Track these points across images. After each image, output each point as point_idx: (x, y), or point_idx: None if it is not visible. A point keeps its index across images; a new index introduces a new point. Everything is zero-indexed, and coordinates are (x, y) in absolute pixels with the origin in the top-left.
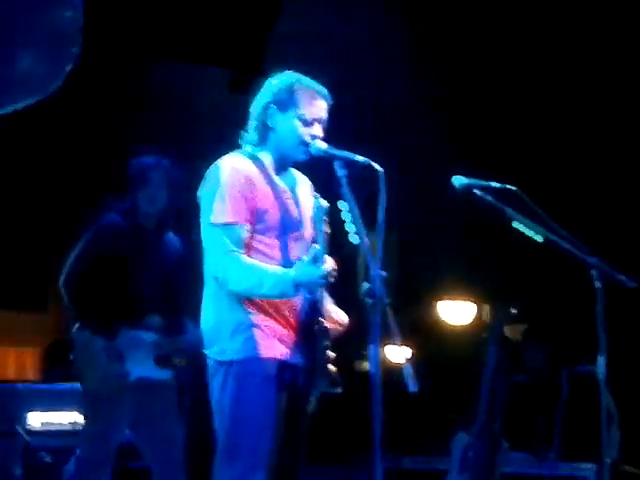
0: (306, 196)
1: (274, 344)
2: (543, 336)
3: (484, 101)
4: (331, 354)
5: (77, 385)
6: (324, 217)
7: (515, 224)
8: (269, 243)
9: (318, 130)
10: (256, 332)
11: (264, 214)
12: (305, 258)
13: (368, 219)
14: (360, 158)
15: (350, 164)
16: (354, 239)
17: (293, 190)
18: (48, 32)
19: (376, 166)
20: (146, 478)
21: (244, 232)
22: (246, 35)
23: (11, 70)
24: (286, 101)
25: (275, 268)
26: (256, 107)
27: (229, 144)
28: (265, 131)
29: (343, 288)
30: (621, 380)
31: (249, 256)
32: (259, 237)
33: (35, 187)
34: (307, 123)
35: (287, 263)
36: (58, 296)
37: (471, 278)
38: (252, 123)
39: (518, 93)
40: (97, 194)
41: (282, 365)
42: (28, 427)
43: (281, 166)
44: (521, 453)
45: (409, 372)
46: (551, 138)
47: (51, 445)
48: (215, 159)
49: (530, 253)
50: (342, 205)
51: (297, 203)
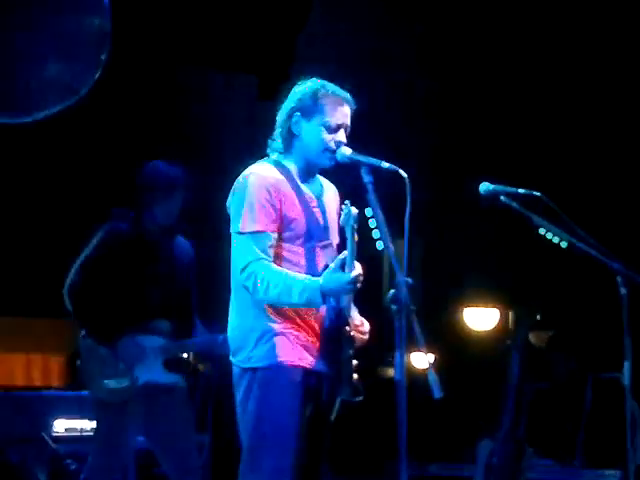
0: (332, 203)
1: (299, 352)
2: (568, 343)
3: (508, 108)
4: (355, 362)
5: None
6: (354, 224)
7: (540, 230)
8: (296, 251)
9: (342, 136)
10: (282, 340)
11: (291, 223)
12: (332, 265)
13: (394, 225)
14: (386, 164)
15: (376, 170)
16: (379, 245)
17: (319, 198)
18: (77, 39)
19: (402, 172)
20: None
21: (272, 240)
22: (273, 42)
23: (41, 76)
24: (310, 108)
25: (302, 276)
26: (281, 115)
27: (257, 151)
28: (290, 138)
29: (368, 294)
30: None
31: (277, 264)
32: (286, 245)
33: (61, 194)
34: (332, 130)
35: (314, 271)
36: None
37: (496, 284)
38: (278, 131)
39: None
40: (121, 200)
41: (307, 373)
42: (54, 434)
43: (307, 173)
44: (545, 459)
45: (434, 378)
46: (574, 143)
47: (77, 452)
48: (243, 167)
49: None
50: (368, 211)
51: (323, 211)
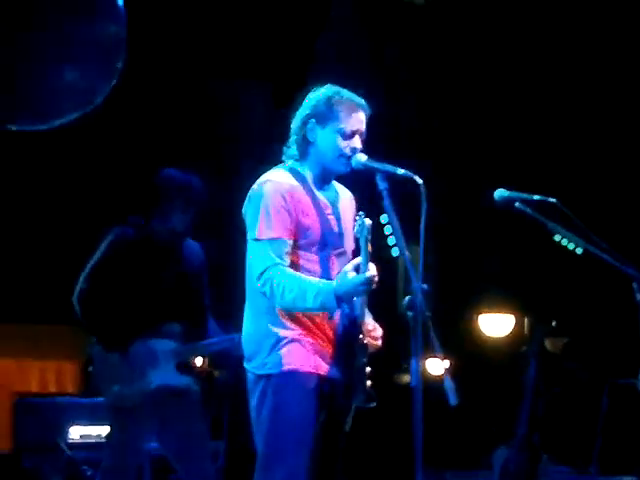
0: (348, 210)
1: (314, 359)
2: (584, 349)
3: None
4: (368, 369)
5: None
6: (367, 236)
7: (556, 236)
8: (311, 258)
9: (358, 142)
10: (296, 347)
11: (306, 230)
12: (346, 268)
13: (409, 232)
14: (401, 171)
15: (391, 177)
16: (395, 252)
17: (335, 204)
18: (93, 47)
19: (417, 179)
20: None
21: (288, 247)
22: (289, 49)
23: (58, 84)
24: (325, 115)
25: (317, 280)
26: (296, 121)
27: (272, 158)
28: (305, 145)
29: (384, 301)
30: None
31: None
32: (301, 252)
33: (77, 202)
34: (347, 136)
35: (328, 279)
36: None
37: (511, 291)
38: (293, 138)
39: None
40: (133, 206)
41: (321, 379)
42: (69, 440)
43: (323, 180)
44: (561, 466)
45: (450, 385)
46: (589, 150)
47: (92, 458)
48: (258, 173)
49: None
50: (383, 218)
51: (338, 218)
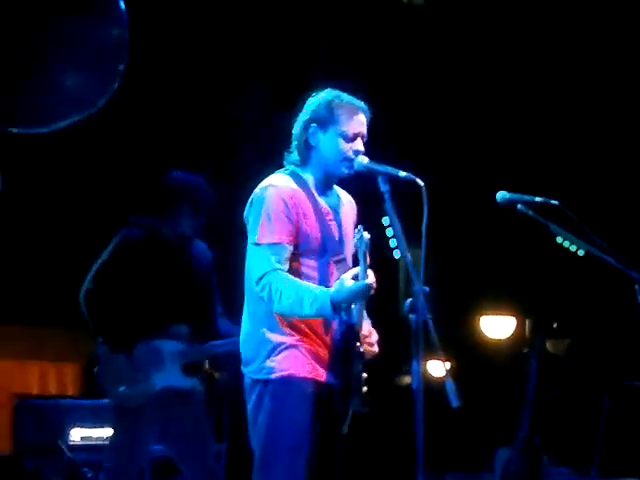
0: (349, 215)
1: (311, 365)
2: (585, 351)
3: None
4: (364, 375)
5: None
6: (366, 250)
7: (558, 238)
8: (310, 264)
9: (360, 145)
10: (294, 352)
11: (306, 236)
12: (344, 277)
13: (411, 234)
14: (403, 173)
15: (393, 179)
16: (397, 254)
17: (336, 210)
18: (95, 49)
19: (419, 181)
20: None
21: (288, 252)
22: (290, 53)
23: (61, 87)
24: (326, 119)
25: (314, 287)
26: (297, 127)
27: (274, 162)
28: (307, 150)
29: (385, 303)
30: None
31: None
32: (301, 259)
33: (77, 203)
34: (349, 139)
35: (327, 285)
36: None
37: (513, 293)
38: (294, 143)
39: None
40: (137, 210)
41: (318, 385)
42: (70, 442)
43: (325, 185)
44: (563, 468)
45: (452, 387)
46: (591, 151)
47: (93, 460)
48: (260, 177)
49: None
50: (385, 220)
51: (339, 224)
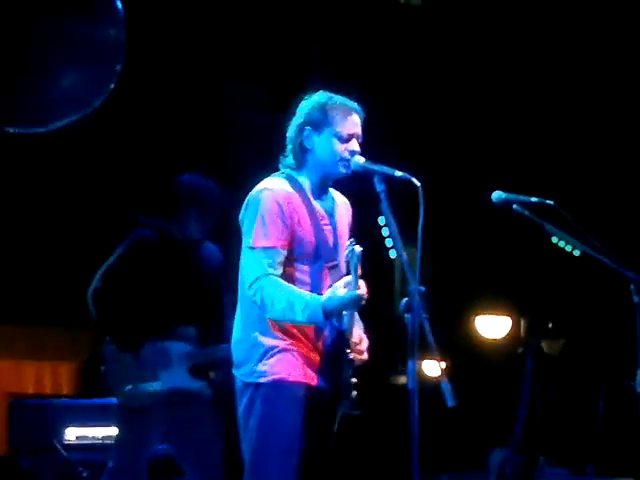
0: (344, 219)
1: (303, 369)
2: (581, 351)
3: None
4: (354, 380)
5: (114, 399)
6: (357, 263)
7: (553, 238)
8: (304, 270)
9: (356, 145)
10: (286, 356)
11: (301, 241)
12: (336, 285)
13: (407, 234)
14: (399, 173)
15: (389, 179)
16: (392, 254)
17: (331, 214)
18: (92, 49)
19: (415, 181)
20: None
21: (281, 257)
22: (286, 53)
23: (58, 87)
24: (320, 121)
25: (306, 293)
26: (291, 131)
27: (269, 164)
28: (303, 153)
29: (381, 303)
30: None
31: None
32: (295, 263)
33: (73, 203)
34: (344, 140)
35: (319, 291)
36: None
37: (508, 293)
38: (289, 147)
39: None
40: (137, 211)
41: (309, 389)
42: (65, 442)
43: (320, 189)
44: (558, 468)
45: (447, 387)
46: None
47: (88, 460)
48: (256, 179)
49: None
50: (381, 220)
51: (334, 228)
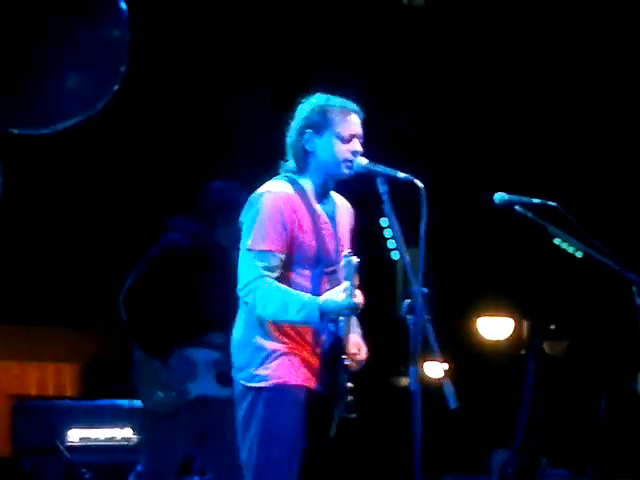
0: (345, 222)
1: (304, 372)
2: (583, 352)
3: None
4: (349, 385)
5: (116, 401)
6: (354, 274)
7: (555, 240)
8: (303, 273)
9: (358, 145)
10: (287, 360)
11: (301, 244)
12: (335, 289)
13: (409, 235)
14: (402, 174)
15: (392, 180)
16: (395, 255)
17: (333, 217)
18: (96, 50)
19: (418, 182)
20: None
21: (278, 261)
22: (290, 55)
23: (62, 88)
24: (321, 123)
25: (302, 294)
26: (291, 135)
27: (272, 164)
28: (305, 157)
29: (383, 304)
30: None
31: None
32: (295, 267)
33: (75, 204)
34: (345, 140)
35: (318, 295)
36: (116, 312)
37: (510, 294)
38: (290, 152)
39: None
40: (139, 216)
41: (309, 392)
42: (68, 443)
43: (323, 191)
44: (560, 469)
45: (449, 389)
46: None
47: (91, 461)
48: (260, 180)
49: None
50: (384, 221)
51: (335, 233)
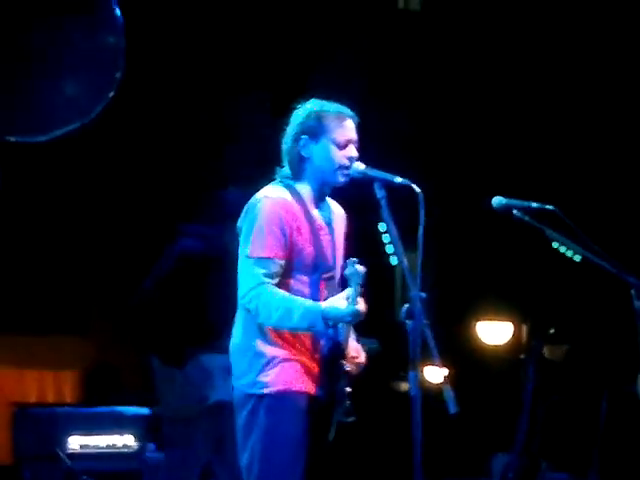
0: (340, 229)
1: (304, 378)
2: (583, 356)
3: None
4: (348, 390)
5: (116, 408)
6: (359, 282)
7: (554, 244)
8: (302, 280)
9: (353, 151)
10: (288, 367)
11: (300, 251)
12: (339, 296)
13: (408, 239)
14: (399, 179)
15: (389, 185)
16: (393, 260)
17: (329, 224)
18: (92, 58)
19: (415, 187)
20: None
21: (278, 267)
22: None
23: (58, 95)
24: (316, 128)
25: (305, 300)
26: (287, 141)
27: (270, 169)
28: (301, 163)
29: (382, 309)
30: None
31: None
32: (293, 274)
33: (74, 211)
34: (341, 146)
35: (316, 301)
36: (130, 319)
37: (510, 298)
38: (286, 158)
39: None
40: (138, 223)
41: (310, 398)
42: (69, 451)
43: (319, 197)
44: (561, 473)
45: (449, 393)
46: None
47: (92, 468)
48: (256, 184)
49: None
50: (382, 226)
51: (333, 239)
